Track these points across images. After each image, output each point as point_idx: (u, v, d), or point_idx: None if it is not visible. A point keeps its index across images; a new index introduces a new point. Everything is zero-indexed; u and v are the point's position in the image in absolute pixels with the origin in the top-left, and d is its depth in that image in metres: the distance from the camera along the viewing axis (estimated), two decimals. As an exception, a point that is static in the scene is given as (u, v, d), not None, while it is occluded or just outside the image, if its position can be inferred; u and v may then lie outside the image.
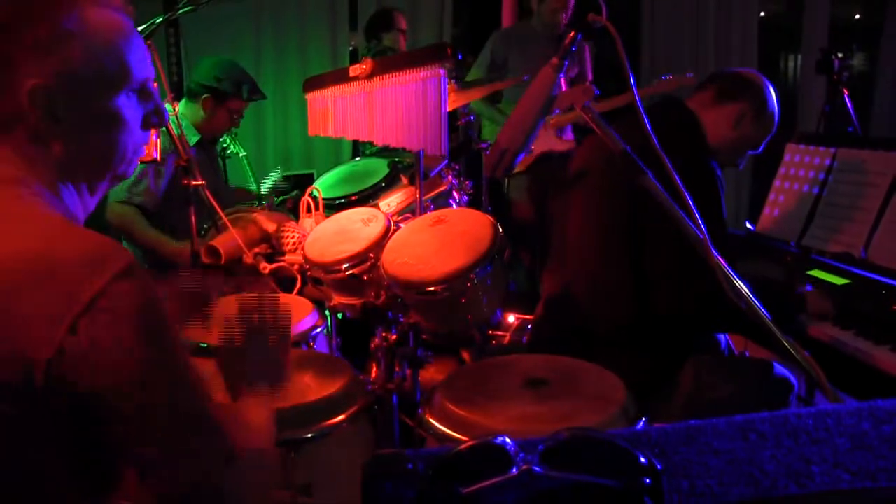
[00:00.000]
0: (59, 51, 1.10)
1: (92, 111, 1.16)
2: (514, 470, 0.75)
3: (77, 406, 1.02)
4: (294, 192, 3.85)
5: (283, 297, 2.60)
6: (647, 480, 0.74)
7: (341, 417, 1.88)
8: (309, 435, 1.82)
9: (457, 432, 1.71)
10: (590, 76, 4.62)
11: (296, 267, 2.65)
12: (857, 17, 7.22)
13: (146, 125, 1.25)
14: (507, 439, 0.79)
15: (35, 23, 1.10)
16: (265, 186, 3.99)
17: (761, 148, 2.40)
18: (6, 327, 1.00)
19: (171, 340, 1.09)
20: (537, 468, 0.75)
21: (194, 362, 1.14)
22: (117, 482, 1.16)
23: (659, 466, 0.75)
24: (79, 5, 1.13)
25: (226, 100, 3.32)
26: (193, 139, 3.30)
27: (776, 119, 2.36)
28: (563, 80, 1.63)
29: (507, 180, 4.50)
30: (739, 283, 1.48)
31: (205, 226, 2.89)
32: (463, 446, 0.80)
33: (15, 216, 1.08)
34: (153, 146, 2.27)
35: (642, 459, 0.75)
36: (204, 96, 3.29)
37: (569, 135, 4.39)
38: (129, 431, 1.05)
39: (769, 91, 2.34)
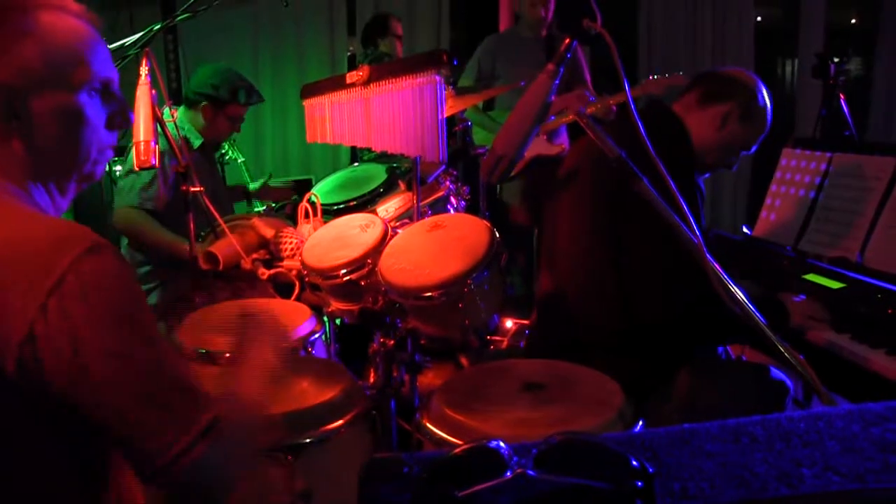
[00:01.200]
0: (13, 50, 1.14)
1: (52, 108, 1.18)
2: (509, 473, 0.77)
3: (52, 388, 1.04)
4: (293, 198, 3.87)
5: (281, 303, 2.61)
6: (639, 483, 0.75)
7: (340, 423, 1.88)
8: (307, 440, 1.82)
9: (454, 437, 1.71)
10: (588, 78, 4.61)
11: (294, 272, 2.66)
12: (853, 21, 7.25)
13: (111, 125, 1.28)
14: (501, 443, 0.80)
15: None
16: (254, 185, 4.02)
17: (754, 148, 2.35)
18: None
19: (141, 314, 1.11)
20: (531, 472, 0.76)
21: (163, 335, 1.15)
22: (108, 467, 1.17)
23: (651, 469, 0.76)
24: (33, 9, 1.17)
25: (224, 107, 3.33)
26: (197, 143, 3.33)
27: (768, 117, 2.31)
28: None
29: (499, 186, 4.51)
30: (734, 289, 1.50)
31: (201, 233, 2.90)
32: (458, 450, 0.81)
33: None
34: (152, 152, 2.28)
35: (634, 462, 0.76)
36: (202, 104, 3.31)
37: (560, 138, 4.40)
38: (101, 407, 1.06)
39: (758, 89, 2.29)
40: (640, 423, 1.75)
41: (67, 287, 1.03)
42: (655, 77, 4.02)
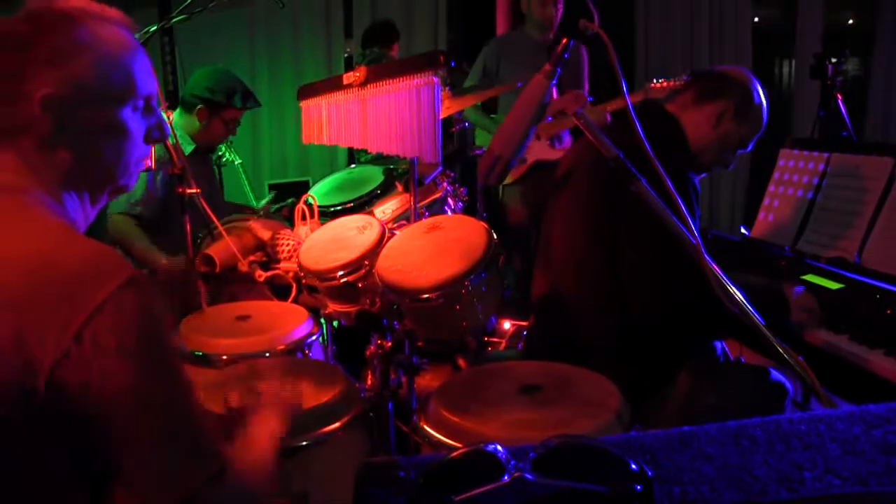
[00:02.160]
0: (70, 63, 1.15)
1: (100, 122, 1.20)
2: (506, 477, 0.76)
3: (75, 414, 1.04)
4: (290, 200, 3.86)
5: (278, 305, 2.61)
6: (638, 487, 0.74)
7: (337, 425, 1.87)
8: (304, 442, 1.82)
9: (451, 439, 1.70)
10: (586, 86, 4.58)
11: (291, 275, 2.65)
12: (851, 22, 7.25)
13: (148, 139, 1.30)
14: (499, 446, 0.79)
15: (49, 36, 1.15)
16: (260, 203, 4.01)
17: (750, 147, 2.34)
18: (11, 334, 1.01)
19: (169, 353, 1.12)
20: (529, 475, 0.75)
21: (188, 376, 1.16)
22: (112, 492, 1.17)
23: (650, 473, 0.75)
24: (88, 21, 1.18)
25: (220, 110, 3.31)
26: (188, 149, 3.30)
27: (764, 115, 2.31)
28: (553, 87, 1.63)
29: (500, 189, 4.49)
30: (733, 289, 1.49)
31: (199, 235, 2.89)
32: (455, 454, 0.81)
33: (19, 225, 1.11)
34: (148, 155, 2.27)
35: (633, 466, 0.75)
36: (198, 107, 3.28)
37: (564, 143, 4.37)
38: (117, 441, 1.07)
39: (753, 87, 2.29)
40: (639, 425, 1.75)
41: (103, 319, 1.03)
42: (659, 81, 3.99)
